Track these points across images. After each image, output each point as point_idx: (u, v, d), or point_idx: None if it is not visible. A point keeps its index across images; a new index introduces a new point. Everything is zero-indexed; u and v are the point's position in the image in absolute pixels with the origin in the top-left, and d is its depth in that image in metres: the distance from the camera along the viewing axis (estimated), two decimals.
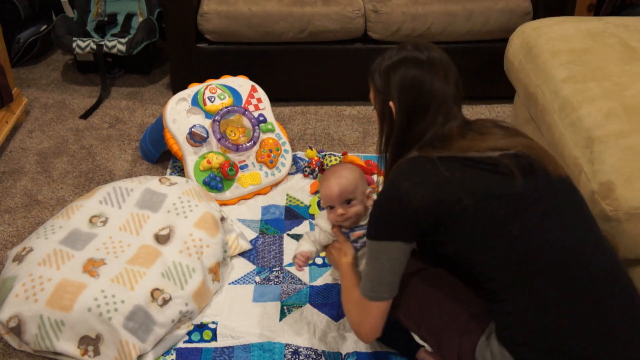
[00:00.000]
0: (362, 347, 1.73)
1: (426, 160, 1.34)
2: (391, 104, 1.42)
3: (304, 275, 1.98)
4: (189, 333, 1.78)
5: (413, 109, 1.40)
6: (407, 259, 1.39)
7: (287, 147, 2.45)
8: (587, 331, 1.24)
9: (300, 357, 1.72)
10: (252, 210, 2.27)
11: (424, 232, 1.37)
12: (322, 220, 1.68)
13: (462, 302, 1.41)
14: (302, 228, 2.19)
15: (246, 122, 2.39)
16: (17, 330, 1.68)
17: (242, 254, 2.06)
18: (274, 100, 2.59)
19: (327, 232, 1.66)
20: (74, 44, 2.87)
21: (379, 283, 1.39)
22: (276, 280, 1.97)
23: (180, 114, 2.31)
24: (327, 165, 2.40)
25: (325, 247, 1.70)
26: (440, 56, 1.42)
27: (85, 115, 2.82)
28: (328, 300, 1.89)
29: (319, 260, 2.04)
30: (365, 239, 1.53)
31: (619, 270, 1.33)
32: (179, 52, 2.76)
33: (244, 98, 2.44)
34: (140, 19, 3.11)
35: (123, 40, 2.89)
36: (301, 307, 1.87)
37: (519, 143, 1.38)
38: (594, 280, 1.27)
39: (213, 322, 1.82)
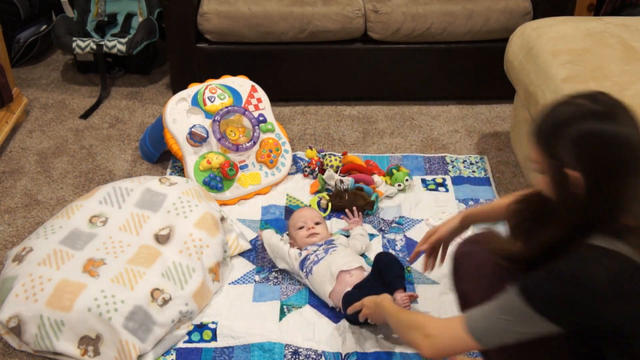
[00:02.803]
0: (362, 347, 1.73)
1: (636, 269, 1.06)
2: (569, 171, 1.10)
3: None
4: (189, 333, 1.78)
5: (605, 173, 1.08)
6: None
7: (287, 147, 2.45)
8: None
9: (300, 357, 1.71)
10: (252, 210, 2.27)
11: (589, 335, 1.16)
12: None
13: None
14: None
15: (246, 122, 2.39)
16: (17, 330, 1.68)
17: (242, 254, 2.06)
18: (274, 100, 2.59)
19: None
20: (74, 44, 2.86)
21: (492, 334, 1.19)
22: (275, 280, 1.97)
23: (180, 114, 2.31)
24: (327, 165, 2.39)
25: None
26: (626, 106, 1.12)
27: (85, 115, 2.82)
28: None
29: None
30: (314, 256, 1.88)
31: None
32: (179, 52, 2.76)
33: (244, 98, 2.44)
34: (140, 19, 3.11)
35: (123, 40, 2.88)
36: (301, 307, 1.87)
37: None
38: None
39: (213, 322, 1.82)
